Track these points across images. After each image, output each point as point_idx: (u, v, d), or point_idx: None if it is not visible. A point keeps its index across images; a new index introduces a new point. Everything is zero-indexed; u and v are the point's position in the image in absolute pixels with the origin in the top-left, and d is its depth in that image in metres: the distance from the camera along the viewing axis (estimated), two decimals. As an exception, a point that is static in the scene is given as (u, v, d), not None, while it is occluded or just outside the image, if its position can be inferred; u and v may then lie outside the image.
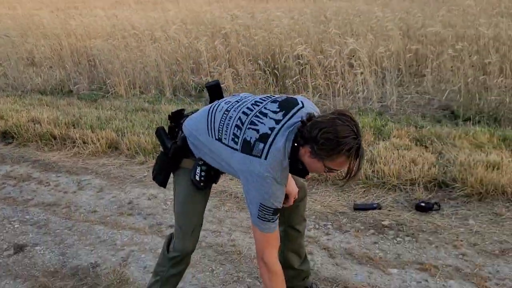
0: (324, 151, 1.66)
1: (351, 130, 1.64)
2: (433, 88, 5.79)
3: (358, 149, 1.66)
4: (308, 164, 1.78)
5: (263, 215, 1.79)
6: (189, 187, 2.00)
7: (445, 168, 3.65)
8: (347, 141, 1.62)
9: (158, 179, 2.09)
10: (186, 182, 2.01)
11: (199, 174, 1.96)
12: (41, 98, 6.83)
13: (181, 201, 2.06)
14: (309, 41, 7.10)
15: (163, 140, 2.05)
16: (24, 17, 13.13)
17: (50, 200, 3.84)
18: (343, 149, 1.63)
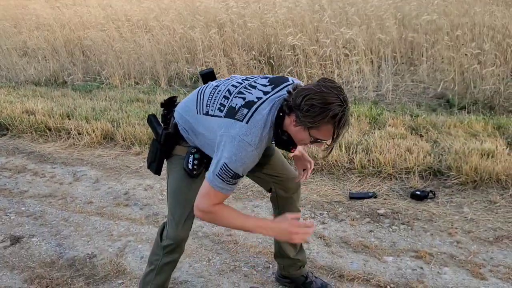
0: (309, 118, 1.63)
1: (336, 97, 1.61)
2: (428, 77, 5.79)
3: (343, 116, 1.63)
4: (294, 135, 1.76)
5: (221, 173, 1.72)
6: (182, 175, 1.98)
7: (440, 157, 3.66)
8: (332, 108, 1.60)
9: (153, 167, 2.07)
10: (179, 170, 1.99)
11: (191, 162, 1.95)
12: (35, 89, 6.79)
13: (174, 190, 2.04)
14: (304, 30, 7.07)
15: (154, 127, 2.04)
16: (16, 7, 13.01)
17: (46, 192, 3.83)
18: (328, 115, 1.61)
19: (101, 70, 7.26)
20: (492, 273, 2.48)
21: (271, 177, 2.19)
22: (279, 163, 2.18)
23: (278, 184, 2.21)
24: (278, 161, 2.18)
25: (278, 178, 2.19)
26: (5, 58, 8.09)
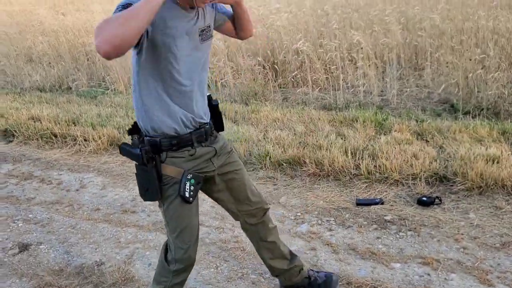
0: None
1: None
2: (433, 81, 5.80)
3: None
4: None
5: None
6: (180, 201, 1.91)
7: (446, 162, 3.67)
8: None
9: (149, 196, 1.93)
10: (175, 197, 1.91)
11: (188, 190, 1.89)
12: (40, 95, 6.83)
13: (176, 217, 1.96)
14: (308, 35, 7.09)
15: (130, 151, 1.91)
16: (21, 13, 13.08)
17: (53, 199, 3.86)
18: None
19: (105, 75, 7.29)
20: (500, 280, 2.48)
21: (238, 211, 2.20)
22: (243, 190, 2.15)
23: (246, 214, 2.22)
24: (243, 187, 2.15)
25: (245, 210, 2.20)
26: (10, 64, 8.14)
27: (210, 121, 2.03)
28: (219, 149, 2.04)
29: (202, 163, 1.98)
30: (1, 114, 5.71)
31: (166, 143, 1.88)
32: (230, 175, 2.11)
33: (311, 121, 4.82)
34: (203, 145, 1.97)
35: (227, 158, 2.09)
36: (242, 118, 5.22)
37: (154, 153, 1.87)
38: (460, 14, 7.18)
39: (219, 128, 2.11)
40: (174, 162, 1.90)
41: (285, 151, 4.05)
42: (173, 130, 1.87)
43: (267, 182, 3.79)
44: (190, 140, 1.92)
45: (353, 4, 8.85)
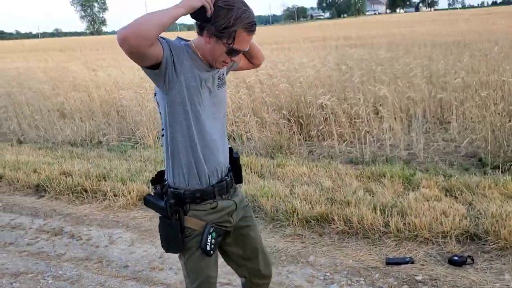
0: (217, 25, 1.75)
1: (239, 2, 1.77)
2: (459, 135, 5.78)
3: (248, 15, 1.76)
4: (210, 53, 1.83)
5: None
6: (200, 254, 1.94)
7: (476, 220, 3.60)
8: (235, 8, 1.74)
9: (171, 248, 1.98)
10: (195, 249, 1.94)
11: (210, 243, 1.92)
12: (72, 150, 7.03)
13: (195, 270, 1.98)
14: (332, 89, 7.22)
15: (155, 203, 1.96)
16: (55, 69, 13.69)
17: (82, 255, 3.90)
18: (233, 16, 1.73)
19: (135, 130, 7.49)
20: None
21: (247, 268, 2.19)
22: (255, 248, 2.16)
23: (254, 273, 2.20)
24: (255, 244, 2.16)
25: (253, 268, 2.19)
26: (43, 119, 8.45)
27: (231, 174, 2.07)
28: (238, 203, 2.07)
29: (223, 216, 2.00)
30: (34, 169, 5.88)
31: (190, 195, 1.92)
32: (245, 230, 2.12)
33: (338, 176, 4.82)
34: (224, 197, 2.00)
35: (244, 212, 2.12)
36: (268, 172, 5.25)
37: (178, 206, 1.91)
38: (485, 67, 7.23)
39: (238, 180, 2.14)
40: (197, 215, 1.94)
41: (313, 208, 4.04)
42: (198, 184, 1.92)
43: (295, 239, 3.76)
44: (213, 193, 1.95)
45: (376, 58, 9.00)
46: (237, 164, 2.12)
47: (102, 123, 8.06)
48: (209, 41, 1.80)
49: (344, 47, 15.91)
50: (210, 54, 1.83)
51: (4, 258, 3.91)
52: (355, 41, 20.17)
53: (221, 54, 1.82)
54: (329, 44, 16.95)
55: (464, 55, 7.79)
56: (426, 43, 13.87)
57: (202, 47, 1.84)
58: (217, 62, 1.86)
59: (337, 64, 8.76)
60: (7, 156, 6.66)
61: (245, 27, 1.77)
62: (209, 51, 1.82)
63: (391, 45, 14.93)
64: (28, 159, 6.43)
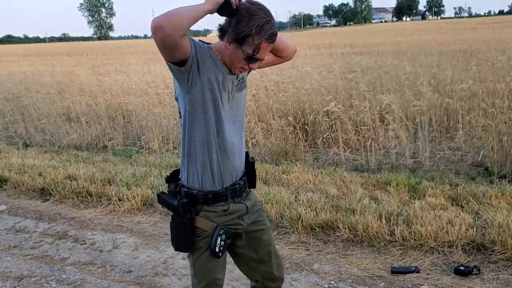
0: (238, 31, 1.76)
1: (261, 11, 1.78)
2: (466, 144, 5.75)
3: (269, 24, 1.77)
4: (229, 58, 1.85)
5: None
6: (208, 255, 1.96)
7: (483, 230, 3.57)
8: (257, 17, 1.75)
9: (180, 247, 2.00)
10: (204, 250, 1.96)
11: (219, 244, 1.93)
12: (77, 154, 7.05)
13: (203, 269, 2.00)
14: (338, 96, 7.21)
15: (168, 202, 1.99)
16: (62, 73, 13.77)
17: (86, 259, 3.89)
18: (254, 24, 1.75)
19: (140, 134, 7.51)
20: None
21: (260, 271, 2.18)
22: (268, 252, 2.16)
23: (266, 276, 2.20)
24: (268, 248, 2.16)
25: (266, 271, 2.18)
26: (50, 123, 8.48)
27: (245, 178, 2.08)
28: (250, 207, 2.07)
29: (234, 219, 2.01)
30: (39, 173, 5.89)
31: (202, 196, 1.94)
32: (258, 234, 2.12)
33: (343, 183, 4.80)
34: (236, 200, 2.01)
35: (257, 216, 2.12)
36: (273, 178, 5.24)
37: (190, 206, 1.93)
38: (492, 76, 7.21)
39: (251, 185, 2.14)
40: (208, 216, 1.96)
41: (318, 215, 4.02)
42: (211, 185, 1.94)
43: (300, 247, 3.74)
44: (225, 195, 1.97)
45: (383, 66, 8.99)
46: (252, 169, 2.13)
47: (108, 127, 8.08)
48: (229, 47, 1.82)
49: (350, 54, 15.94)
50: (229, 59, 1.86)
51: (8, 261, 3.91)
52: (361, 49, 20.19)
53: (239, 61, 1.85)
54: (335, 51, 16.97)
55: (471, 64, 7.76)
56: (432, 51, 13.86)
57: (222, 51, 1.86)
58: (235, 67, 1.88)
59: (343, 71, 8.76)
60: (13, 159, 6.68)
61: (266, 38, 1.79)
62: (229, 56, 1.85)
63: (397, 53, 14.93)
64: (33, 162, 6.45)
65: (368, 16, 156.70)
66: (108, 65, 15.93)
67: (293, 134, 6.55)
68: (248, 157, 2.12)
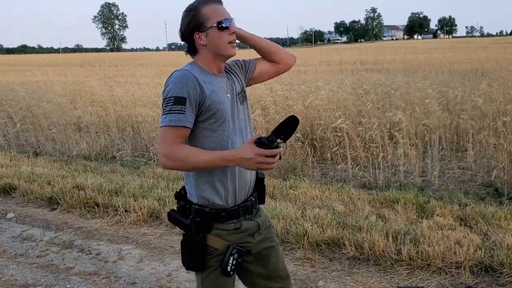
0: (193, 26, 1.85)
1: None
2: (475, 163, 5.70)
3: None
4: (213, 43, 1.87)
5: (166, 109, 1.79)
6: (219, 273, 1.92)
7: (491, 251, 3.52)
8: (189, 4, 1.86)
9: (192, 266, 1.94)
10: (215, 267, 1.92)
11: (231, 264, 1.89)
12: (86, 163, 7.08)
13: (212, 287, 1.95)
14: (347, 112, 7.20)
15: (180, 220, 1.93)
16: (73, 84, 13.91)
17: (91, 269, 3.89)
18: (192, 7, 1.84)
19: (149, 146, 7.54)
20: None
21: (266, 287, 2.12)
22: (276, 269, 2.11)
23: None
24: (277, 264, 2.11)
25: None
26: (60, 132, 8.55)
27: (255, 194, 2.04)
28: (261, 224, 2.04)
29: (245, 237, 1.98)
30: (48, 181, 5.92)
31: (215, 214, 1.89)
32: (267, 251, 2.08)
33: (351, 200, 4.77)
34: (247, 217, 1.98)
35: (266, 233, 2.08)
36: (280, 193, 5.22)
37: (202, 224, 1.89)
38: (502, 96, 7.17)
39: (261, 201, 2.11)
40: (220, 234, 1.91)
41: (324, 231, 4.00)
42: (224, 202, 1.90)
43: (305, 263, 3.71)
44: (237, 212, 1.94)
45: (393, 83, 8.98)
46: (262, 184, 2.09)
47: (117, 138, 8.12)
48: (203, 41, 1.87)
49: (360, 71, 15.95)
50: (216, 48, 1.87)
51: (14, 269, 3.92)
52: (372, 66, 20.21)
53: (219, 37, 1.86)
54: (345, 68, 17.01)
55: (482, 83, 7.73)
56: (443, 69, 13.84)
57: (204, 55, 1.90)
58: (227, 48, 1.89)
59: (353, 88, 8.76)
60: (23, 167, 6.73)
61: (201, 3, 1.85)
62: (212, 47, 1.87)
63: (408, 71, 14.93)
64: (43, 171, 6.49)
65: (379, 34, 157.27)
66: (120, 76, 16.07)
67: (301, 149, 6.55)
68: (258, 172, 2.07)
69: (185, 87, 1.78)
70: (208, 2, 1.85)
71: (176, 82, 1.80)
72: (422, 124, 6.31)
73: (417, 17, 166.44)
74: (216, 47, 1.87)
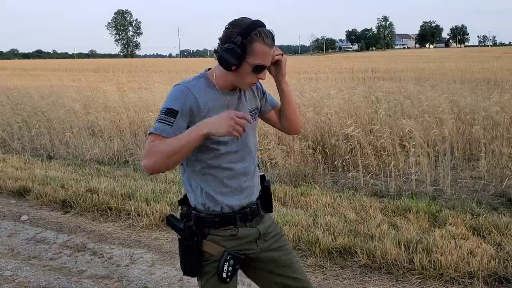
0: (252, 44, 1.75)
1: (247, 19, 1.78)
2: (488, 173, 5.66)
3: (262, 26, 1.76)
4: (237, 76, 1.82)
5: (158, 117, 1.80)
6: (216, 279, 1.92)
7: (506, 262, 3.49)
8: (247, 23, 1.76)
9: (188, 270, 1.96)
10: (212, 274, 1.92)
11: (226, 270, 1.89)
12: (99, 168, 7.15)
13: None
14: (359, 120, 7.20)
15: (174, 224, 1.95)
16: (87, 89, 14.05)
17: (103, 273, 3.92)
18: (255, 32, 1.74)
19: (161, 151, 7.58)
20: None
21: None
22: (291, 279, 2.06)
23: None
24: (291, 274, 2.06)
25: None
26: (74, 136, 8.64)
27: (257, 201, 2.02)
28: (263, 230, 2.01)
29: (245, 244, 1.97)
30: (62, 185, 5.99)
31: (210, 219, 1.91)
32: (278, 261, 2.04)
33: (362, 208, 4.77)
34: (248, 225, 1.97)
35: (274, 242, 2.05)
36: (291, 200, 5.23)
37: (197, 229, 1.90)
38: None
39: (267, 209, 2.09)
40: (215, 240, 1.92)
41: (335, 239, 4.00)
42: (217, 208, 1.91)
43: (316, 271, 3.71)
44: (233, 219, 1.93)
45: (404, 92, 8.97)
46: (267, 192, 2.08)
47: (130, 143, 8.19)
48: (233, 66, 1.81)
49: (372, 79, 15.93)
50: (237, 80, 1.85)
51: (27, 271, 3.97)
52: (383, 74, 20.18)
53: (247, 75, 1.82)
54: (356, 76, 17.00)
55: (494, 93, 7.69)
56: (455, 79, 13.78)
57: (224, 73, 1.85)
58: (244, 84, 1.87)
59: (365, 96, 8.76)
60: (37, 170, 6.81)
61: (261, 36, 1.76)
62: (235, 76, 1.83)
63: (419, 79, 14.88)
64: (56, 174, 6.56)
65: (391, 42, 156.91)
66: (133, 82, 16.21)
67: (312, 156, 6.55)
68: (264, 180, 2.08)
69: (180, 101, 1.80)
70: (266, 39, 1.78)
71: (174, 95, 1.82)
72: (433, 134, 6.29)
73: (429, 26, 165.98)
74: (238, 80, 1.85)
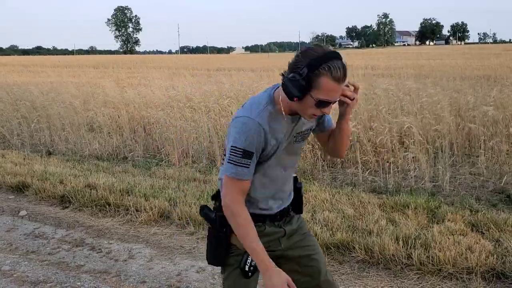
0: (319, 78, 1.66)
1: (322, 49, 1.66)
2: (487, 169, 5.66)
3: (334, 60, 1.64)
4: (298, 107, 1.75)
5: (233, 158, 1.79)
6: (238, 272, 1.94)
7: (504, 258, 3.49)
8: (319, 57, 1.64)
9: (212, 260, 2.02)
10: (235, 266, 1.96)
11: (249, 264, 1.91)
12: (98, 163, 7.15)
13: (233, 286, 1.99)
14: (358, 117, 7.19)
15: (207, 214, 2.01)
16: (87, 85, 14.04)
17: (101, 268, 3.92)
18: (323, 66, 1.63)
19: (160, 147, 7.58)
20: None
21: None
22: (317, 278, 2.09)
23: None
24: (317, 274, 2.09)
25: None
26: (73, 132, 8.63)
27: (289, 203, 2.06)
28: (290, 230, 2.05)
29: (270, 241, 1.99)
30: (61, 180, 5.99)
31: None
32: (304, 260, 2.07)
33: (361, 204, 4.76)
34: (276, 224, 2.01)
35: (298, 240, 2.08)
36: (290, 196, 5.22)
37: (226, 221, 1.92)
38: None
39: (298, 210, 2.11)
40: None
41: (334, 234, 4.00)
42: (252, 208, 1.93)
43: (314, 266, 3.71)
44: (263, 216, 1.97)
45: (404, 88, 8.96)
46: (299, 194, 2.10)
47: (129, 139, 8.19)
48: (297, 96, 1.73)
49: (371, 76, 15.91)
50: (299, 110, 1.78)
51: (25, 265, 3.97)
52: (383, 71, 20.16)
53: (309, 108, 1.74)
54: (356, 72, 16.97)
55: (494, 90, 7.68)
56: (455, 75, 13.77)
57: (288, 101, 1.77)
58: (306, 115, 1.80)
59: (364, 93, 8.74)
60: (36, 166, 6.81)
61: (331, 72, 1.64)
62: (298, 106, 1.76)
63: (419, 76, 14.87)
64: (55, 170, 6.56)
65: (391, 39, 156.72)
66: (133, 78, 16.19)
67: (311, 152, 6.55)
68: (296, 182, 2.10)
69: (255, 142, 1.78)
70: (336, 73, 1.66)
71: (248, 134, 1.78)
72: (433, 130, 6.28)
73: (429, 23, 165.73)
74: (300, 109, 1.78)
